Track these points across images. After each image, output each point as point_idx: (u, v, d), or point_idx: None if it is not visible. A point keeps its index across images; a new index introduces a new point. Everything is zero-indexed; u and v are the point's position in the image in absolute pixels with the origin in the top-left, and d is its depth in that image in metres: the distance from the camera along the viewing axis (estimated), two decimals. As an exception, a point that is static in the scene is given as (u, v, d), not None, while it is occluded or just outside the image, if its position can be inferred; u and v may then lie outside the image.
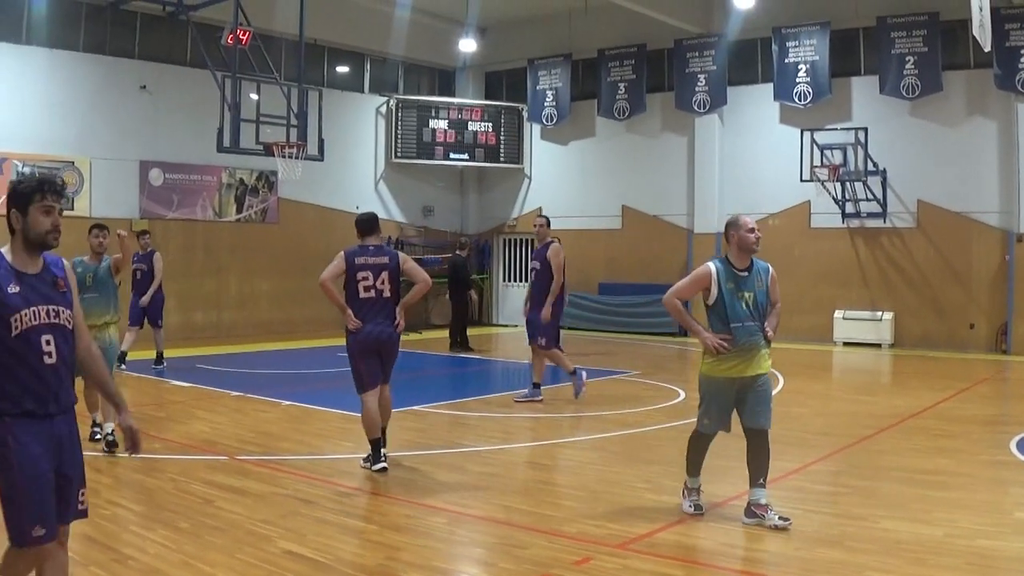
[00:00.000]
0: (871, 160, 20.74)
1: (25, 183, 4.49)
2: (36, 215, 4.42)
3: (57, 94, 19.95)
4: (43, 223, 4.44)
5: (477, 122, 27.27)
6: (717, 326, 7.34)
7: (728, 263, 7.54)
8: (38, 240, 4.44)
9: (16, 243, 4.45)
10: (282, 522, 7.22)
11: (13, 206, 4.43)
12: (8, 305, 4.29)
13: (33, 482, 4.35)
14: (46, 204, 4.45)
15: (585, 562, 6.37)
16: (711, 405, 7.47)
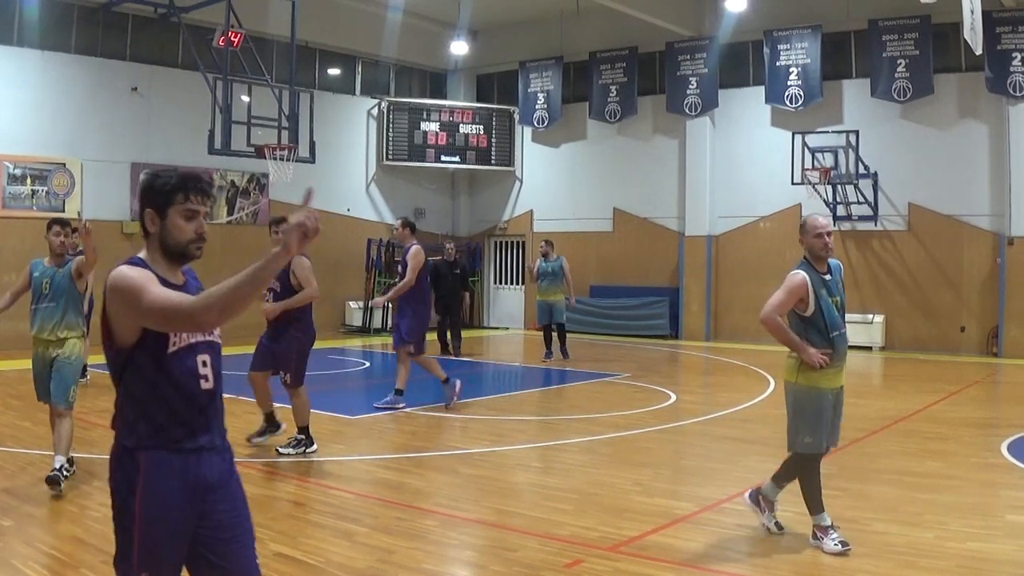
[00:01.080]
0: (862, 163, 20.78)
1: (163, 178, 3.80)
2: (176, 220, 3.69)
3: (49, 96, 19.92)
4: (184, 230, 3.71)
5: (468, 124, 27.29)
6: (815, 339, 6.79)
7: (812, 268, 6.97)
8: (177, 250, 3.70)
9: (153, 249, 3.71)
10: (273, 524, 7.20)
11: (149, 206, 3.72)
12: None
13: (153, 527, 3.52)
14: (189, 207, 3.74)
15: (576, 564, 6.36)
16: (814, 419, 6.77)
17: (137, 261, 3.64)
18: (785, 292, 6.95)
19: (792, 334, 6.90)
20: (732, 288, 24.10)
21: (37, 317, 8.72)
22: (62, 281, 8.73)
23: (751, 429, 11.72)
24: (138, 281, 3.45)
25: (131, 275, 3.49)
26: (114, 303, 3.51)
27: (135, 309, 3.44)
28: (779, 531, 6.94)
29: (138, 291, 3.42)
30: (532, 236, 27.44)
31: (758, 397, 14.38)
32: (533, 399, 15.12)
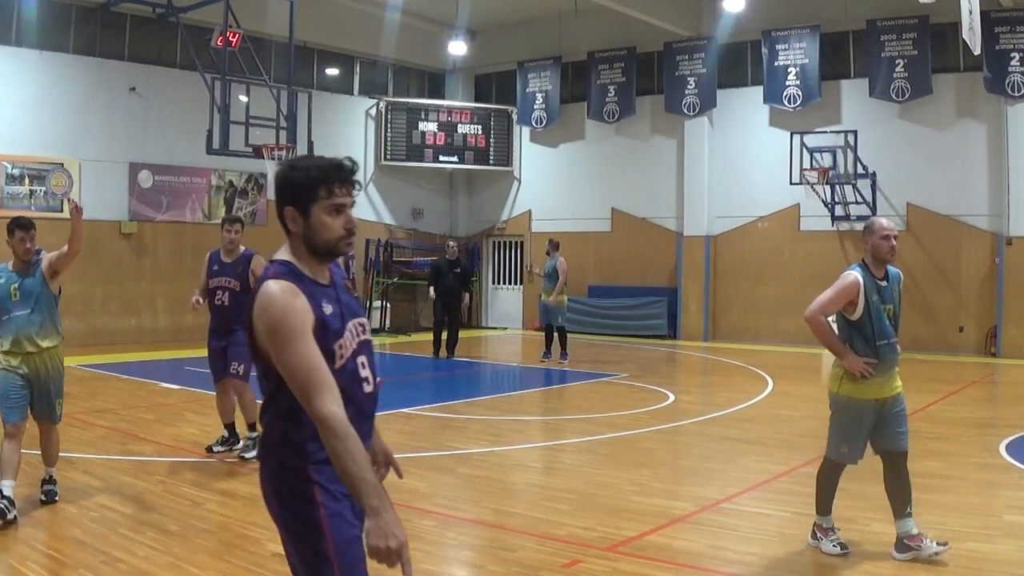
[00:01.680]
0: (860, 163, 20.78)
1: (301, 170, 3.32)
2: (322, 218, 3.31)
3: (47, 96, 19.91)
4: (332, 228, 3.33)
5: (467, 124, 27.28)
6: (860, 344, 6.57)
7: (868, 271, 6.67)
8: (326, 249, 3.36)
9: (298, 249, 3.36)
10: (271, 524, 7.07)
11: (290, 203, 3.32)
12: (332, 330, 3.30)
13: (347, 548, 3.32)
14: (336, 202, 3.32)
15: (574, 564, 6.36)
16: (852, 430, 6.59)
17: (285, 269, 3.29)
18: (834, 291, 6.64)
19: (835, 337, 6.65)
20: (730, 288, 24.11)
21: (11, 328, 7.62)
22: (34, 285, 7.91)
23: (749, 429, 11.72)
24: (290, 325, 3.14)
25: (283, 310, 3.16)
26: (259, 325, 3.22)
27: (273, 352, 3.17)
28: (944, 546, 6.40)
29: (286, 339, 3.14)
30: (530, 236, 27.45)
31: (756, 397, 14.39)
32: (532, 399, 15.12)
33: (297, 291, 3.22)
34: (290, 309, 3.16)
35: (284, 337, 3.13)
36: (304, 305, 3.20)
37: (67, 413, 11.85)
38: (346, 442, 3.04)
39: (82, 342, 20.06)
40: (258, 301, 3.21)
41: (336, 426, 3.04)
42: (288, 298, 3.18)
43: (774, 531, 7.18)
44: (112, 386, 14.69)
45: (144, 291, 21.31)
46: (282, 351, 3.13)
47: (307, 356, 3.13)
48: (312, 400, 3.08)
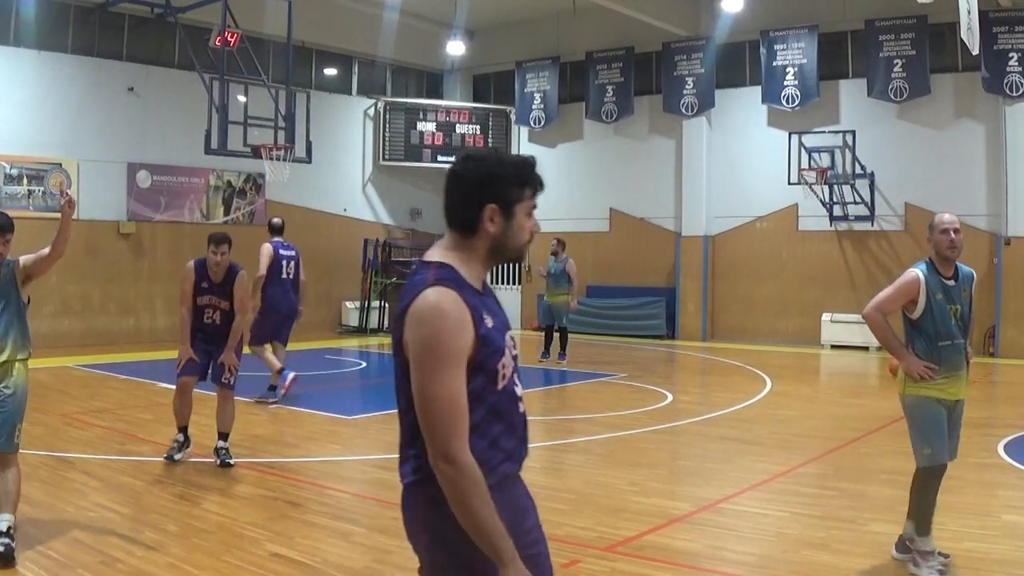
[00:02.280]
0: (859, 163, 20.78)
1: (511, 165, 3.11)
2: (522, 219, 3.10)
3: (45, 96, 19.90)
4: (526, 230, 3.13)
5: (465, 124, 27.27)
6: (921, 345, 6.35)
7: (934, 269, 6.36)
8: (515, 253, 3.16)
9: (473, 250, 3.09)
10: (269, 525, 7.20)
11: (494, 200, 3.04)
12: (495, 348, 3.01)
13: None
14: (534, 203, 3.15)
15: (573, 565, 6.37)
16: (929, 429, 6.33)
17: (448, 276, 3.00)
18: (894, 288, 6.44)
19: (893, 336, 6.46)
20: (729, 288, 24.11)
21: None
22: (2, 287, 6.64)
23: (748, 429, 11.72)
24: (446, 347, 2.87)
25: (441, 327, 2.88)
26: (410, 335, 2.94)
27: (416, 371, 2.90)
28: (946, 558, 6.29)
29: (437, 362, 2.86)
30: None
31: (755, 397, 14.39)
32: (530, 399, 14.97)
33: (461, 305, 2.92)
34: (450, 328, 2.88)
35: (435, 360, 2.86)
36: (466, 324, 2.91)
37: (66, 413, 11.91)
38: (479, 490, 2.83)
39: (80, 342, 20.09)
40: (415, 308, 2.92)
41: (472, 474, 2.83)
42: (449, 314, 2.89)
43: (772, 531, 7.18)
44: (110, 386, 14.68)
45: (142, 291, 21.30)
46: (428, 375, 2.86)
47: (454, 389, 2.86)
48: (448, 441, 2.83)
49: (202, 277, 9.04)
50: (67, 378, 15.43)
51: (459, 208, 3.08)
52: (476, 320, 2.94)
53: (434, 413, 2.85)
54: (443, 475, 2.84)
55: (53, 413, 11.94)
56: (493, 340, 2.98)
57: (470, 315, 2.92)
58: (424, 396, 2.87)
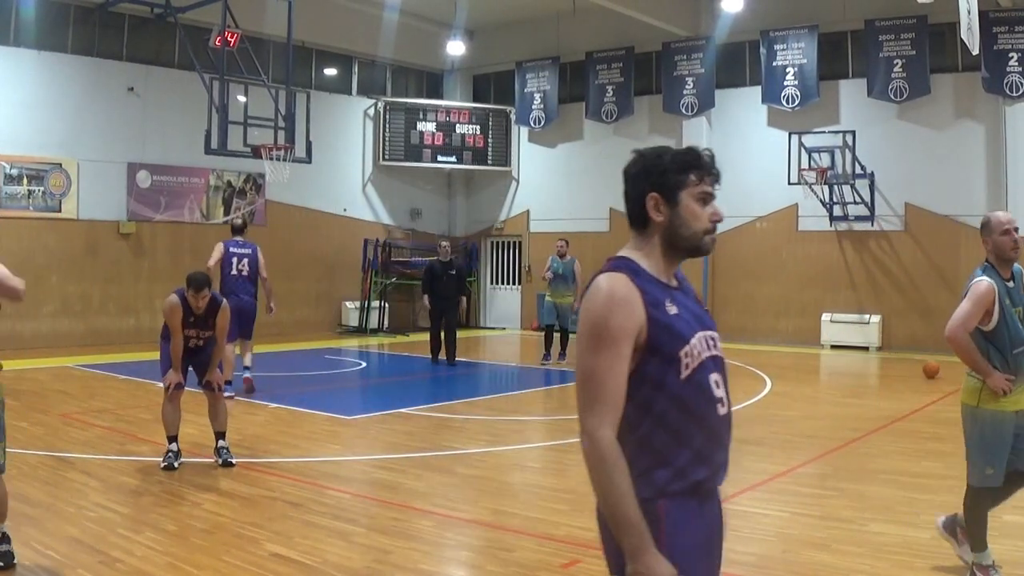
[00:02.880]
0: (859, 163, 20.78)
1: (669, 154, 3.09)
2: (691, 205, 3.05)
3: (45, 96, 19.90)
4: (701, 218, 3.07)
5: (465, 125, 27.28)
6: (996, 356, 5.88)
7: (995, 273, 5.99)
8: (691, 243, 3.09)
9: (651, 244, 3.09)
10: (269, 525, 7.20)
11: (654, 189, 3.05)
12: (677, 334, 2.96)
13: None
14: (705, 189, 3.07)
15: (572, 565, 6.36)
16: (996, 448, 5.88)
17: (622, 264, 3.03)
18: (972, 303, 5.93)
19: (979, 355, 5.90)
20: (729, 288, 24.10)
21: None
22: None
23: (748, 429, 11.70)
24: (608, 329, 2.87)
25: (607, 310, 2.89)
26: (581, 316, 2.97)
27: (579, 346, 2.93)
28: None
29: (597, 341, 2.87)
30: (528, 236, 27.46)
31: (755, 397, 14.39)
32: (530, 399, 15.11)
33: (631, 288, 2.93)
34: (615, 311, 2.88)
35: (594, 337, 2.87)
36: (633, 306, 2.90)
37: (66, 413, 11.91)
38: (613, 470, 2.79)
39: (80, 342, 20.10)
40: (588, 293, 2.97)
41: (605, 450, 2.80)
42: (617, 297, 2.90)
43: (772, 531, 7.18)
44: (110, 386, 14.68)
45: (142, 291, 21.29)
46: (587, 351, 2.88)
47: (606, 368, 2.85)
48: (588, 415, 2.84)
49: (187, 312, 9.13)
50: (67, 378, 15.43)
51: (630, 204, 3.12)
52: (648, 304, 2.92)
53: (584, 388, 2.87)
54: (583, 448, 2.85)
55: (53, 413, 11.94)
56: (673, 326, 2.95)
57: (641, 299, 2.92)
58: (579, 371, 2.90)
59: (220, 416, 9.41)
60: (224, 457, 9.21)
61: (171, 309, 9.10)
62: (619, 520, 2.78)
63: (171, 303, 9.11)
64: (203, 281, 9.08)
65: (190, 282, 9.04)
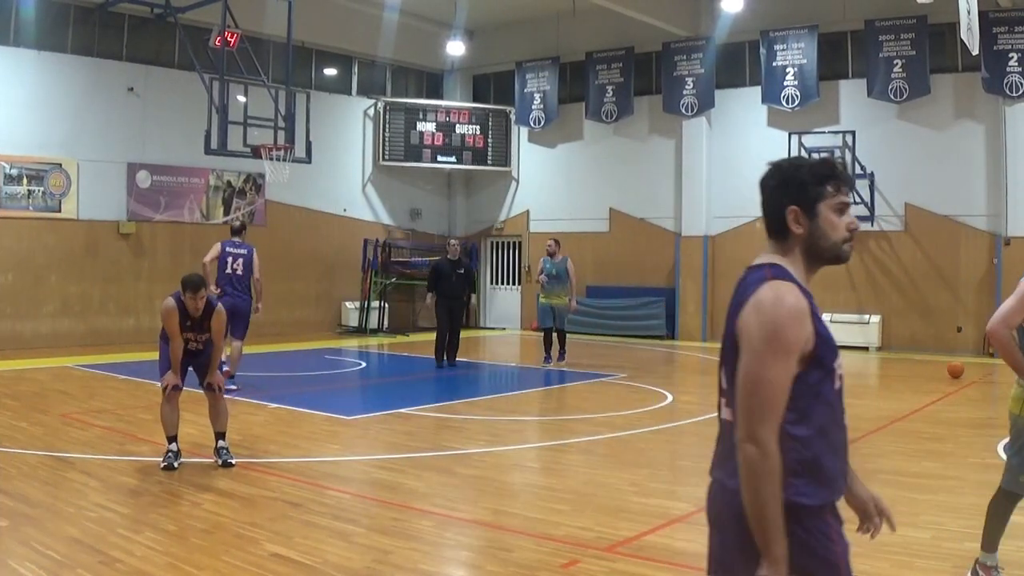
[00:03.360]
0: (859, 163, 20.79)
1: (806, 166, 3.18)
2: (830, 217, 3.09)
3: (45, 96, 19.91)
4: (839, 228, 3.11)
5: (465, 125, 27.28)
6: None
7: None
8: (831, 253, 3.13)
9: (792, 254, 3.12)
10: (269, 525, 7.19)
11: (794, 202, 3.10)
12: (832, 347, 3.01)
13: None
14: (842, 200, 3.12)
15: (572, 565, 6.36)
16: None
17: (785, 273, 3.03)
18: (1016, 298, 5.47)
19: (1019, 353, 5.50)
20: (729, 288, 23.43)
21: None
22: None
23: (748, 429, 11.70)
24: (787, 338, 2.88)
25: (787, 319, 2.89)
26: (749, 320, 2.95)
27: (748, 354, 2.91)
28: None
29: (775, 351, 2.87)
30: (528, 236, 27.46)
31: (755, 397, 14.35)
32: (530, 400, 15.11)
33: (801, 299, 2.93)
34: (791, 321, 2.89)
35: (770, 346, 2.86)
36: (805, 317, 2.92)
37: (66, 413, 11.91)
38: (777, 480, 2.84)
39: (80, 342, 20.10)
40: (756, 300, 2.94)
41: (774, 460, 2.83)
42: (792, 307, 2.90)
43: (772, 531, 7.16)
44: (110, 386, 14.67)
45: (142, 291, 21.29)
46: (762, 360, 2.86)
47: (781, 378, 2.87)
48: (762, 424, 2.84)
49: (184, 316, 9.12)
50: (67, 378, 15.43)
51: (769, 216, 3.19)
52: (814, 316, 2.95)
53: (756, 396, 2.86)
54: (746, 455, 2.85)
55: (53, 413, 11.94)
56: (829, 339, 2.98)
57: (808, 309, 2.94)
58: (751, 378, 2.88)
59: (220, 416, 9.39)
60: (224, 457, 9.20)
61: (167, 313, 9.09)
62: (771, 528, 2.83)
63: (167, 307, 9.10)
64: (199, 283, 9.09)
65: (186, 284, 9.03)
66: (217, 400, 9.37)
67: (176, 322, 9.08)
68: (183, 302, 9.05)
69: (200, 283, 9.10)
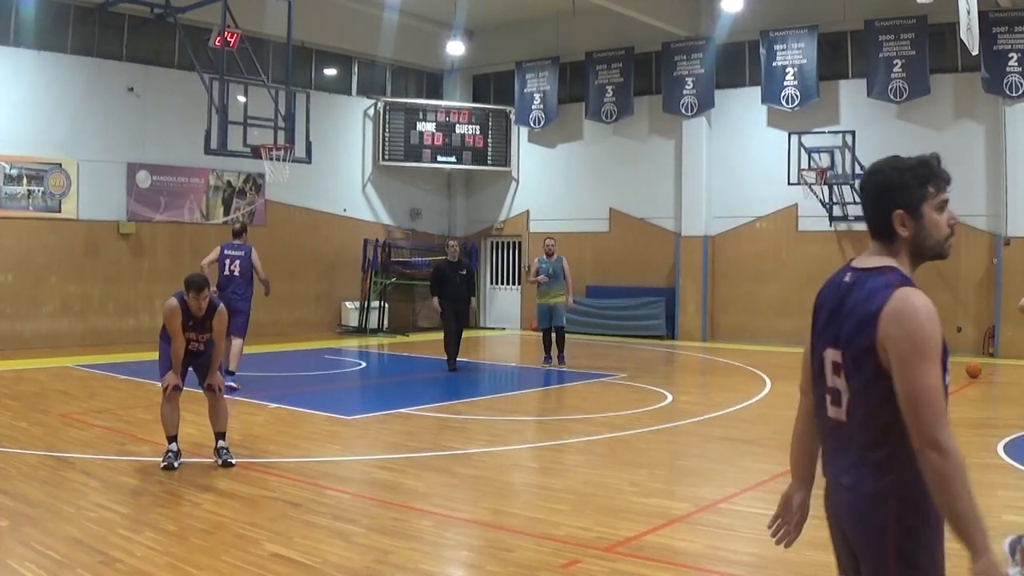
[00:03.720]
0: (858, 163, 20.76)
1: (907, 169, 3.29)
2: (933, 216, 3.23)
3: (45, 96, 19.90)
4: (941, 227, 3.25)
5: (465, 125, 27.28)
6: None
7: None
8: (936, 251, 3.26)
9: (900, 255, 3.23)
10: (269, 525, 7.20)
11: (899, 206, 3.21)
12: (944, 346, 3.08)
13: None
14: (942, 198, 3.29)
15: (572, 565, 6.36)
16: None
17: (910, 281, 3.14)
18: None
19: None
20: (728, 288, 24.11)
21: None
22: None
23: (748, 429, 11.72)
24: (935, 345, 2.98)
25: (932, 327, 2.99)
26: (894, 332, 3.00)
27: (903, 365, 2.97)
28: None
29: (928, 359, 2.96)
30: (528, 236, 27.45)
31: (755, 397, 14.39)
32: (530, 400, 15.12)
33: (931, 304, 3.02)
34: (934, 324, 2.99)
35: (925, 354, 2.95)
36: (939, 322, 3.02)
37: (66, 413, 11.91)
38: (964, 476, 2.89)
39: (80, 342, 20.10)
40: (896, 309, 3.01)
41: (959, 460, 2.89)
42: (932, 313, 3.00)
43: (772, 531, 7.17)
44: (110, 386, 14.68)
45: (142, 291, 21.29)
46: (920, 368, 2.95)
47: (939, 382, 2.98)
48: (939, 429, 2.93)
49: (187, 316, 9.13)
50: (67, 378, 15.43)
51: (874, 219, 3.27)
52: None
53: (926, 404, 2.94)
54: (931, 463, 2.90)
55: (53, 413, 11.94)
56: (946, 346, 3.06)
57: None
58: (915, 389, 2.95)
59: (220, 416, 9.40)
60: (224, 457, 9.21)
61: (171, 313, 9.09)
62: (971, 525, 2.92)
63: (170, 307, 9.10)
64: (203, 283, 9.09)
65: (191, 285, 9.04)
66: (217, 400, 9.38)
67: (179, 322, 9.08)
68: (186, 302, 9.05)
69: (204, 283, 9.11)
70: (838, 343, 3.21)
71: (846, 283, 3.25)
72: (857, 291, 3.16)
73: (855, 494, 3.15)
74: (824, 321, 3.37)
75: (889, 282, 3.08)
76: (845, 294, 3.22)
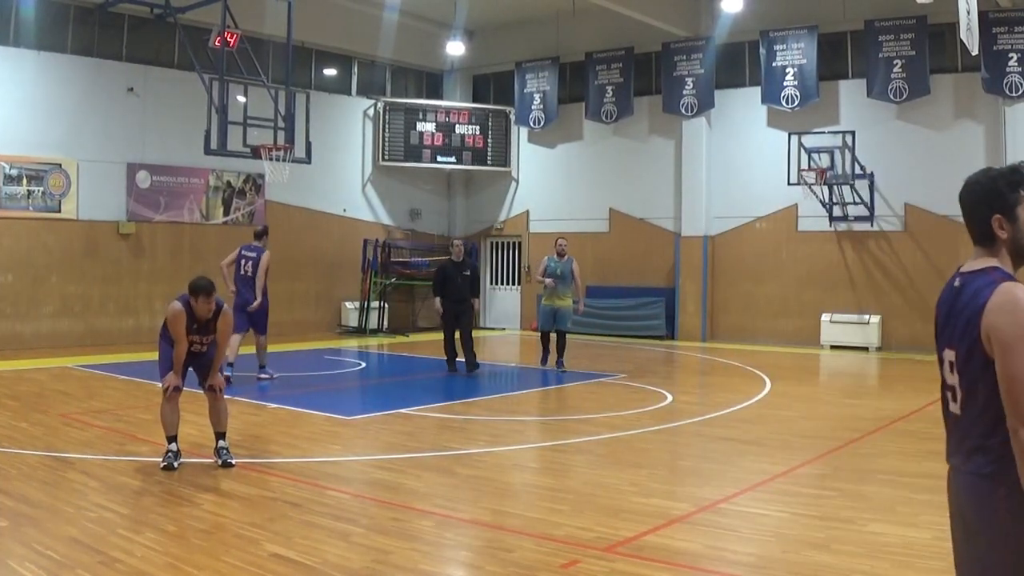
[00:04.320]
0: (858, 163, 20.78)
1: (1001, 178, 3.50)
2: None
3: (44, 96, 19.90)
4: None
5: (464, 125, 27.29)
6: None
7: None
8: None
9: (1002, 256, 3.46)
10: (269, 525, 7.19)
11: (997, 211, 3.44)
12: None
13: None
14: None
15: (572, 565, 6.36)
16: None
17: (1010, 275, 3.38)
18: None
19: None
20: (728, 288, 24.11)
21: None
22: None
23: (747, 430, 11.72)
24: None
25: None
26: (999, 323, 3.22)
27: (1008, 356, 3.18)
28: None
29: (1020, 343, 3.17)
30: (528, 237, 27.46)
31: (754, 397, 14.39)
32: (530, 400, 15.11)
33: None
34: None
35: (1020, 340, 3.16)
36: None
37: (66, 413, 11.91)
38: None
39: (80, 342, 20.10)
40: (1002, 301, 3.25)
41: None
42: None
43: (772, 531, 7.18)
44: (110, 386, 14.67)
45: (142, 291, 21.29)
46: (1019, 355, 3.15)
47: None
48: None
49: (191, 319, 9.12)
50: (67, 378, 15.43)
51: (974, 226, 3.50)
52: None
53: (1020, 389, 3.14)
54: (1021, 441, 3.11)
55: (53, 413, 11.94)
56: None
57: None
58: (1014, 373, 3.15)
59: (220, 417, 9.39)
60: (224, 457, 9.20)
61: (176, 317, 9.06)
62: None
63: (175, 311, 9.06)
64: (210, 288, 9.07)
65: (198, 290, 9.00)
66: (217, 400, 9.38)
67: (183, 326, 9.07)
68: (191, 306, 9.04)
69: (211, 287, 9.08)
70: (952, 342, 3.46)
71: (956, 287, 3.48)
72: (965, 292, 3.40)
73: (973, 478, 3.43)
74: (941, 325, 3.58)
75: (992, 280, 3.32)
76: (955, 297, 3.47)
